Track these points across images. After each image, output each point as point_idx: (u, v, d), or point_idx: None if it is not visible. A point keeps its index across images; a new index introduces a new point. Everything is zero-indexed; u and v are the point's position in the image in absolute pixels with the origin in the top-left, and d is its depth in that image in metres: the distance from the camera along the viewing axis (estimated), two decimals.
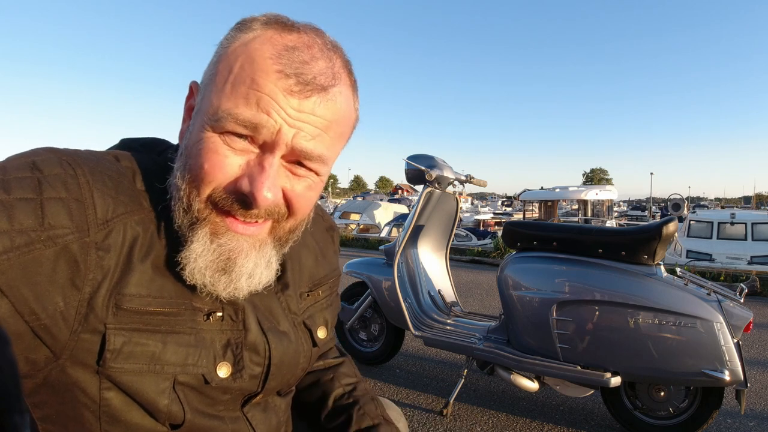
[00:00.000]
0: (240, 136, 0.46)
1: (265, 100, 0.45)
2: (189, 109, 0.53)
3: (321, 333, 0.66)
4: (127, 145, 0.57)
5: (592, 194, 13.33)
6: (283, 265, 0.59)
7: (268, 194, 0.46)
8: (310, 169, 0.50)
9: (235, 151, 0.46)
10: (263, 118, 0.45)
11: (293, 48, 0.46)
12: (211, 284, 0.48)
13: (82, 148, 0.51)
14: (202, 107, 0.48)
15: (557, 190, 14.15)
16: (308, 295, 0.65)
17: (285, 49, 0.46)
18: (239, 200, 0.47)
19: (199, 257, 0.47)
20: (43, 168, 0.43)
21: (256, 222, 0.49)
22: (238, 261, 0.48)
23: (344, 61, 0.51)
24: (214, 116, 0.46)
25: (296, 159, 0.49)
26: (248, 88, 0.45)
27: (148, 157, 0.54)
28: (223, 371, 0.51)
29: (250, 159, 0.47)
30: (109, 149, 0.56)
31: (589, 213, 13.32)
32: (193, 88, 0.53)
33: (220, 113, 0.45)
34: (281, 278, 0.60)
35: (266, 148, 0.47)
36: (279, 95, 0.45)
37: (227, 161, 0.46)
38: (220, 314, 0.51)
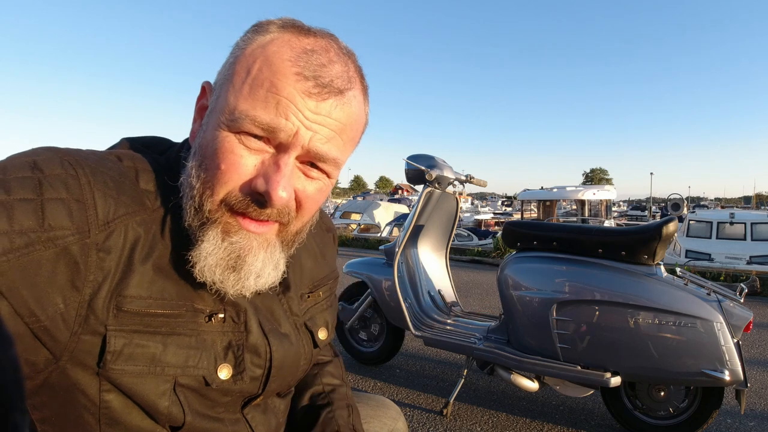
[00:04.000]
0: (256, 136, 0.46)
1: (284, 103, 0.45)
2: (201, 109, 0.53)
3: (322, 334, 0.66)
4: (128, 144, 0.57)
5: (590, 194, 13.32)
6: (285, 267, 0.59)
7: (283, 193, 0.46)
8: (323, 171, 0.51)
9: (251, 151, 0.47)
10: (281, 122, 0.45)
11: (311, 51, 0.47)
12: (220, 282, 0.48)
13: (84, 148, 0.51)
14: (217, 107, 0.48)
15: (555, 190, 14.16)
16: (309, 297, 0.65)
17: (303, 52, 0.47)
18: (254, 200, 0.47)
19: (210, 255, 0.47)
20: (44, 168, 0.43)
21: (267, 221, 0.50)
22: (248, 259, 0.49)
23: (357, 67, 0.52)
24: (230, 116, 0.46)
25: (310, 160, 0.49)
26: (267, 91, 0.45)
27: (151, 157, 0.53)
28: (224, 373, 0.51)
29: (265, 159, 0.47)
30: (109, 149, 0.55)
31: (587, 213, 13.30)
32: (206, 88, 0.53)
33: (237, 114, 0.46)
34: (283, 280, 0.60)
35: (282, 148, 0.47)
36: (297, 97, 0.46)
37: (243, 161, 0.47)
38: (221, 316, 0.51)
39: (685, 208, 13.19)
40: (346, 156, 0.53)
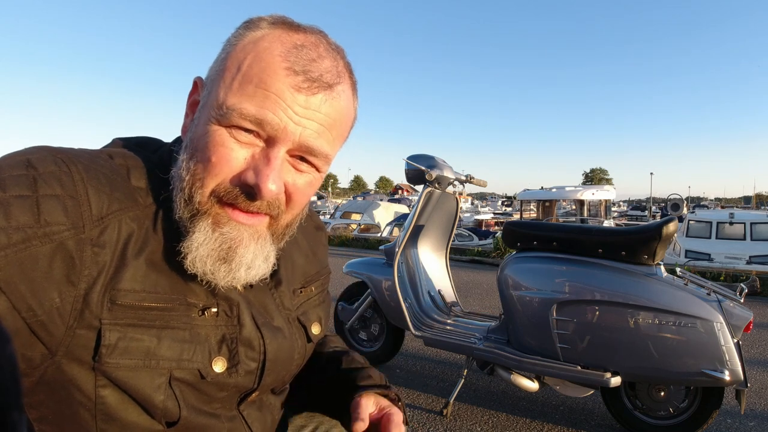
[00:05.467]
0: (246, 130, 0.47)
1: (272, 99, 0.46)
2: (193, 104, 0.54)
3: (315, 329, 0.67)
4: (119, 144, 0.57)
5: (589, 194, 13.38)
6: (276, 262, 0.60)
7: (272, 186, 0.47)
8: (313, 165, 0.52)
9: (241, 144, 0.48)
10: (268, 114, 0.46)
11: (301, 46, 0.48)
12: (211, 273, 0.49)
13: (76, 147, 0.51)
14: (208, 102, 0.49)
15: (554, 190, 14.21)
16: (301, 292, 0.66)
17: (293, 47, 0.48)
18: (244, 192, 0.48)
19: (201, 246, 0.48)
20: (38, 166, 0.43)
21: (257, 214, 0.50)
22: (238, 251, 0.49)
23: (346, 62, 0.53)
24: (220, 110, 0.47)
25: (300, 154, 0.50)
26: (255, 86, 0.46)
27: (142, 155, 0.54)
28: (219, 366, 0.51)
29: (255, 152, 0.48)
30: (102, 148, 0.56)
31: (586, 213, 13.33)
32: (198, 83, 0.54)
33: (225, 108, 0.47)
34: (275, 275, 0.61)
35: (271, 142, 0.48)
36: (286, 93, 0.46)
37: (233, 154, 0.47)
38: (215, 310, 0.52)
39: (685, 208, 13.21)
40: (335, 151, 0.54)
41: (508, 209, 31.22)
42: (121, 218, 0.47)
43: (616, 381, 1.66)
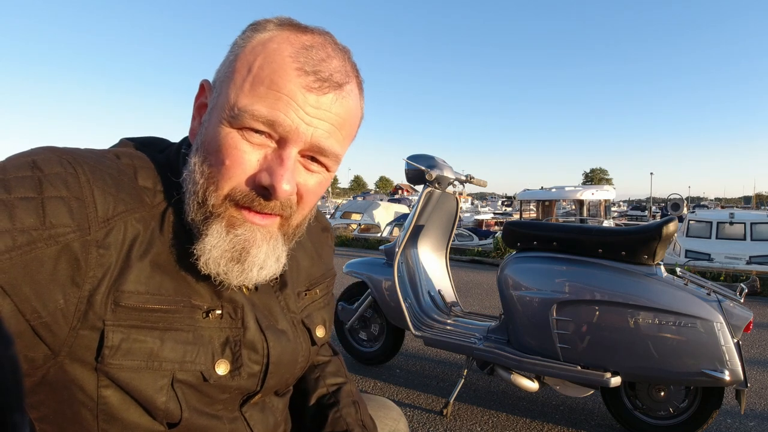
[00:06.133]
0: (258, 131, 0.47)
1: (285, 100, 0.46)
2: (200, 107, 0.54)
3: (319, 332, 0.66)
4: (127, 144, 0.57)
5: (588, 194, 13.39)
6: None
7: (286, 186, 0.48)
8: (323, 165, 0.52)
9: (254, 146, 0.48)
10: (281, 115, 0.46)
11: (310, 47, 0.48)
12: (224, 273, 0.49)
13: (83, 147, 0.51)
14: (218, 104, 0.49)
15: (553, 190, 14.23)
16: (306, 294, 0.66)
17: (303, 48, 0.48)
18: (259, 194, 0.49)
19: (215, 248, 0.48)
20: (44, 167, 0.43)
21: (270, 215, 0.51)
22: (251, 251, 0.50)
23: (352, 62, 0.54)
24: (231, 112, 0.47)
25: (311, 154, 0.51)
26: (267, 88, 0.46)
27: (149, 154, 0.54)
28: (222, 369, 0.51)
29: (268, 153, 0.49)
30: (110, 148, 0.56)
31: (586, 213, 13.34)
32: (205, 86, 0.54)
33: (237, 110, 0.47)
34: (280, 277, 0.61)
35: (283, 143, 0.48)
36: (297, 93, 0.47)
37: (246, 157, 0.48)
38: (219, 312, 0.52)
39: (685, 208, 13.20)
40: (345, 150, 0.54)
41: (508, 209, 31.18)
42: (127, 219, 0.47)
43: (616, 381, 1.67)
